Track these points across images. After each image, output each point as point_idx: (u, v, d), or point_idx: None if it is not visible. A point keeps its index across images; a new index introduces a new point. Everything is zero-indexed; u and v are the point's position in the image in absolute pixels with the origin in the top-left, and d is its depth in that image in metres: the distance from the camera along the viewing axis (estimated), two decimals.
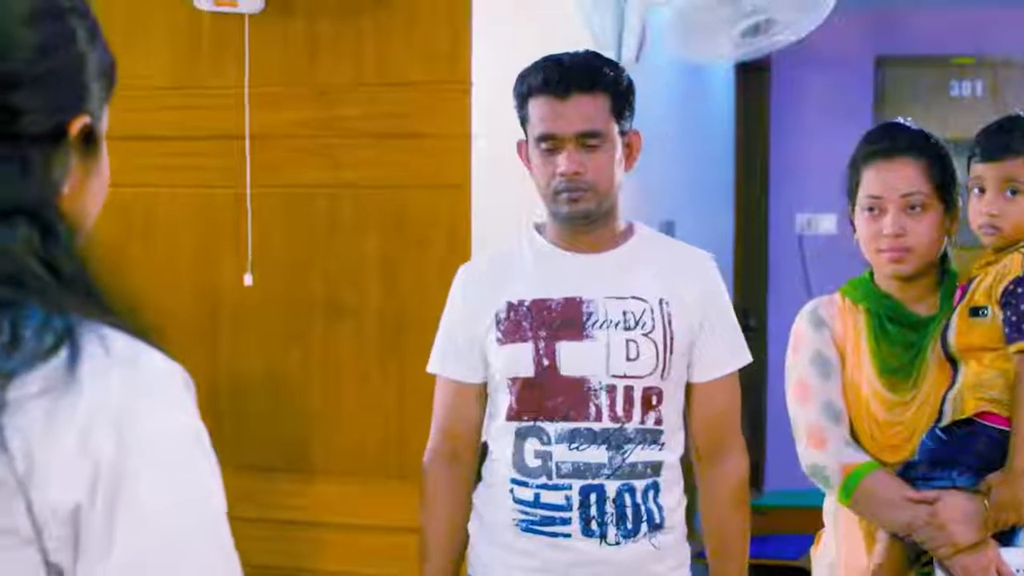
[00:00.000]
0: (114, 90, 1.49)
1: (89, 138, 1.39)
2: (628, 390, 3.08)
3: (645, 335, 3.09)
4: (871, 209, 3.13)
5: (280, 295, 4.40)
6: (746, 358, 3.27)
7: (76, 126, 1.37)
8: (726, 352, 3.22)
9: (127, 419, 1.24)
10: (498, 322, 3.14)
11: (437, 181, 4.20)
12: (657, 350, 3.09)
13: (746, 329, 3.42)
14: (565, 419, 3.06)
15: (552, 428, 3.07)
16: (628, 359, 3.07)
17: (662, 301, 3.12)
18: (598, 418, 3.06)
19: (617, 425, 3.06)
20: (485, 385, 3.23)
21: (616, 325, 3.08)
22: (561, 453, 3.05)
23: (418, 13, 4.23)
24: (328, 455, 4.37)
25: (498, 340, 3.14)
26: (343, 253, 4.34)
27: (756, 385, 7.22)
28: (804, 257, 8.43)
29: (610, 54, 4.27)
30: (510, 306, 3.14)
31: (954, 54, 8.74)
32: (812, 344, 3.19)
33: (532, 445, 3.08)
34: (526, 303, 3.12)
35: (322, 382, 4.37)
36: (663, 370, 3.10)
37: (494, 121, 4.15)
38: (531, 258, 3.20)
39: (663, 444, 3.12)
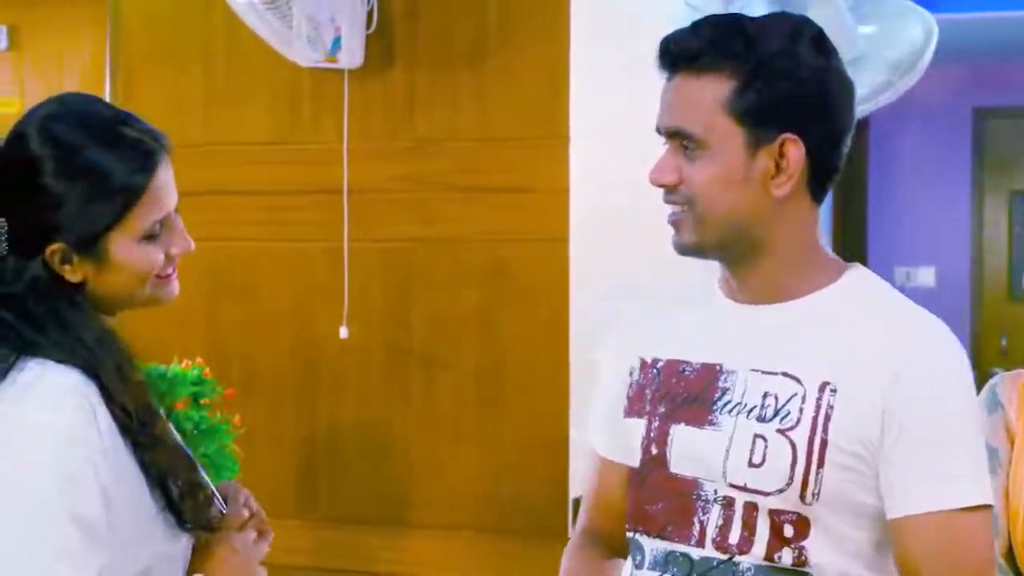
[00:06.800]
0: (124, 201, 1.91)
1: (64, 258, 1.91)
2: (750, 508, 2.01)
3: (781, 432, 1.99)
4: None
5: (376, 348, 4.41)
6: (968, 496, 1.95)
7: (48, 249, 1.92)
8: (924, 479, 1.95)
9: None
10: (630, 384, 2.20)
11: (536, 235, 4.22)
12: (794, 457, 1.98)
13: None
14: (661, 535, 2.09)
15: (648, 546, 2.11)
16: (751, 463, 2.00)
17: (825, 386, 1.98)
18: (699, 542, 2.04)
19: (724, 556, 2.02)
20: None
21: (749, 412, 2.02)
22: None
23: (516, 67, 4.25)
24: (425, 509, 4.36)
25: (624, 410, 2.19)
26: (440, 306, 4.36)
27: None
28: None
29: None
30: (643, 365, 2.18)
31: None
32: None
33: (629, 566, 2.16)
34: (660, 363, 2.15)
35: (419, 435, 4.37)
36: (802, 488, 1.97)
37: (593, 174, 4.17)
38: (690, 305, 2.22)
39: None
